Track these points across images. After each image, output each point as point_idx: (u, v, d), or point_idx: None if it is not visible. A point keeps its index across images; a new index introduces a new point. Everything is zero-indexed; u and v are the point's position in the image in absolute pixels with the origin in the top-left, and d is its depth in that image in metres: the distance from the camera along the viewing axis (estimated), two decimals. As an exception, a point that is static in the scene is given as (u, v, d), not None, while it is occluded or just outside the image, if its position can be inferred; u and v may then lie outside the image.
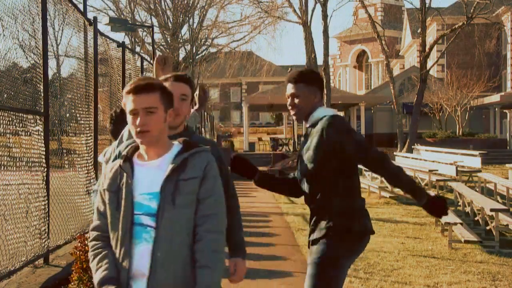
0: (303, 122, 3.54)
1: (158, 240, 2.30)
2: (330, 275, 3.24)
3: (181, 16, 31.83)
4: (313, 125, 3.38)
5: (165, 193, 2.33)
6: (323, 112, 3.38)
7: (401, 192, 14.64)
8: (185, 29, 34.13)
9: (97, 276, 2.36)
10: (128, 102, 2.40)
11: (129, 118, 2.42)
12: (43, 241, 5.81)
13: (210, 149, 2.51)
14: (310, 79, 3.43)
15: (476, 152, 18.74)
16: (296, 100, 3.42)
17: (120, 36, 57.46)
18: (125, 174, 2.40)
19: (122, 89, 9.36)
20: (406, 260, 7.48)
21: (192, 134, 2.89)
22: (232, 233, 2.91)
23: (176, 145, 2.47)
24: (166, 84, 2.67)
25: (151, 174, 2.39)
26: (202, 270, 2.29)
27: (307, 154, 3.33)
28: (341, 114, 38.99)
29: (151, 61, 15.52)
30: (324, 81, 3.62)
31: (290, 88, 3.44)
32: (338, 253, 3.25)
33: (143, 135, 2.37)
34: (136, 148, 2.51)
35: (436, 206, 3.17)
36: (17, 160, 5.43)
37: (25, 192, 5.48)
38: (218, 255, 2.33)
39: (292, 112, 3.47)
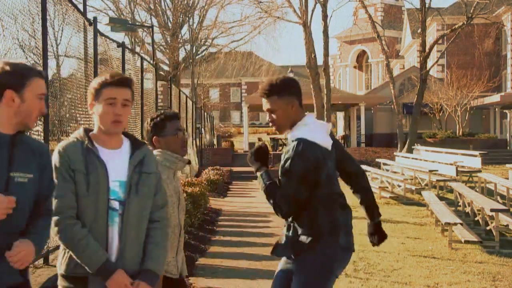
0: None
1: (126, 227, 2.55)
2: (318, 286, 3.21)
3: (181, 16, 31.82)
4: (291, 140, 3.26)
5: (132, 183, 2.58)
6: (299, 133, 3.23)
7: (401, 193, 14.65)
8: (185, 29, 34.09)
9: (96, 258, 2.46)
10: (107, 92, 2.56)
11: (101, 107, 2.57)
12: (43, 241, 5.79)
13: None
14: (282, 89, 3.25)
15: (476, 152, 18.73)
16: (274, 116, 3.28)
17: (120, 36, 57.50)
18: (96, 158, 2.55)
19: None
20: (406, 260, 7.48)
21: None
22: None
23: (125, 138, 2.72)
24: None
25: (117, 162, 2.60)
26: (157, 246, 2.65)
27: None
28: (341, 114, 39.00)
29: (151, 61, 15.51)
30: (299, 86, 3.43)
31: (264, 103, 3.30)
32: (323, 264, 3.21)
33: (118, 124, 2.57)
34: (88, 134, 2.63)
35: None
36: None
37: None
38: (167, 236, 2.78)
39: (273, 128, 3.39)
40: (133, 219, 2.57)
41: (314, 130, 3.25)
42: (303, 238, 3.23)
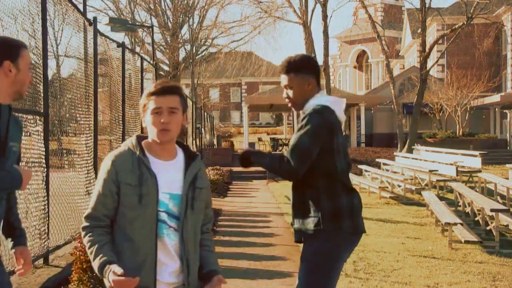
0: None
1: (186, 242, 2.53)
2: (321, 274, 3.20)
3: (181, 16, 31.83)
4: None
5: (187, 198, 2.55)
6: (315, 101, 3.25)
7: (401, 193, 14.65)
8: (185, 29, 34.19)
9: (97, 262, 2.42)
10: (153, 102, 2.52)
11: (149, 118, 2.53)
12: (43, 241, 5.80)
13: None
14: (300, 66, 3.28)
15: (476, 152, 18.73)
16: (290, 92, 3.31)
17: (120, 36, 57.46)
18: (146, 170, 2.50)
19: (122, 89, 9.36)
20: (406, 260, 7.47)
21: None
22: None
23: (179, 149, 2.66)
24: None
25: (169, 174, 2.55)
26: (213, 253, 2.71)
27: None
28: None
29: (151, 61, 15.51)
30: (318, 65, 3.48)
31: (282, 79, 3.33)
32: (328, 251, 3.19)
33: (166, 133, 2.51)
34: (140, 143, 2.59)
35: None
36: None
37: (24, 192, 5.46)
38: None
39: (289, 104, 3.39)
40: (191, 235, 2.56)
41: (331, 100, 3.29)
42: (306, 223, 3.22)
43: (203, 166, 2.70)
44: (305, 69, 3.29)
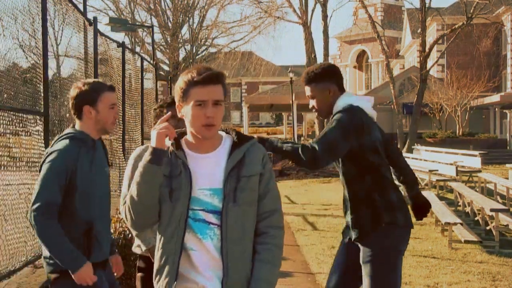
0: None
1: (228, 241, 2.23)
2: (387, 272, 3.32)
3: (181, 16, 31.84)
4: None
5: (228, 191, 2.24)
6: (342, 102, 3.35)
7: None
8: (185, 29, 34.08)
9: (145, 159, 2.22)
10: (195, 93, 2.24)
11: (190, 110, 2.25)
12: (43, 241, 5.79)
13: None
14: (319, 75, 3.38)
15: (476, 152, 18.73)
16: (314, 102, 3.42)
17: (120, 36, 57.53)
18: (181, 164, 2.26)
19: (122, 89, 9.35)
20: (406, 260, 7.47)
21: None
22: None
23: (227, 137, 2.38)
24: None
25: (208, 168, 2.28)
26: (265, 265, 2.27)
27: None
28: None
29: (151, 61, 15.52)
30: (337, 70, 3.52)
31: (306, 91, 3.44)
32: (388, 248, 3.28)
33: (211, 128, 2.25)
34: (180, 135, 2.36)
35: None
36: (17, 160, 5.43)
37: (25, 192, 5.46)
38: (279, 251, 2.33)
39: (316, 113, 3.51)
40: (235, 233, 2.23)
41: (358, 99, 3.39)
42: (361, 221, 3.30)
43: (255, 151, 2.34)
44: (324, 77, 3.39)
